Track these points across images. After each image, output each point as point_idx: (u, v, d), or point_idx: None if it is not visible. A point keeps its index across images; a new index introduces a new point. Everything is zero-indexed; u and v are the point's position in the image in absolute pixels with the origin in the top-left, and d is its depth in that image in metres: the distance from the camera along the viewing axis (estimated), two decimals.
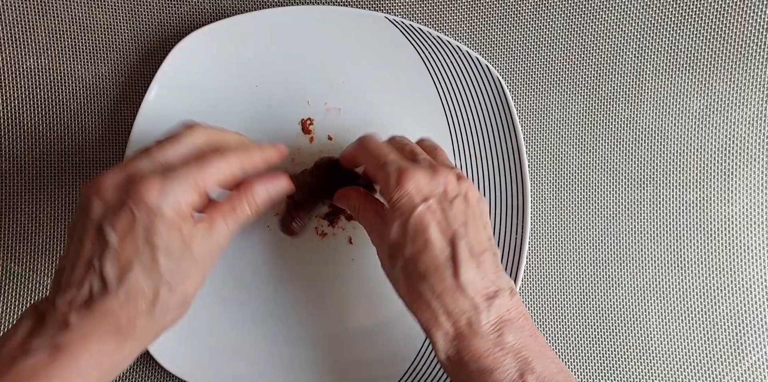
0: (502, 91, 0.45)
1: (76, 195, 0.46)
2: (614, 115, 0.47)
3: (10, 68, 0.47)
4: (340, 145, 0.45)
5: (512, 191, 0.45)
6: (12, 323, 0.46)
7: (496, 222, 0.45)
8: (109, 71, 0.47)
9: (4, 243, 0.46)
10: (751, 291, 0.47)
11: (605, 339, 0.47)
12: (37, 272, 0.46)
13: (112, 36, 0.47)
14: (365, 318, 0.45)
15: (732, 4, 0.47)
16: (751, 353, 0.47)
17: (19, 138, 0.46)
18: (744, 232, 0.47)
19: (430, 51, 0.45)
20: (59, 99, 0.47)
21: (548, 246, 0.47)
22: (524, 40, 0.47)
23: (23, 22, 0.47)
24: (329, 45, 0.45)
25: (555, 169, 0.47)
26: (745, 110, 0.47)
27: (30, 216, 0.46)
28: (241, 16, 0.45)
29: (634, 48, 0.47)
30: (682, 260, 0.47)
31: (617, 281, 0.47)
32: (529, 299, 0.47)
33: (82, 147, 0.47)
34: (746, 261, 0.47)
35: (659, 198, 0.47)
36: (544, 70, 0.47)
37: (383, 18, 0.45)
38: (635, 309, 0.47)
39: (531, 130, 0.47)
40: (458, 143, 0.46)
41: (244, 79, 0.45)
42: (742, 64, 0.47)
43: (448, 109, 0.46)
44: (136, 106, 0.46)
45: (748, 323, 0.47)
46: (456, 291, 0.33)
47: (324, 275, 0.45)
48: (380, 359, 0.44)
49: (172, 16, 0.47)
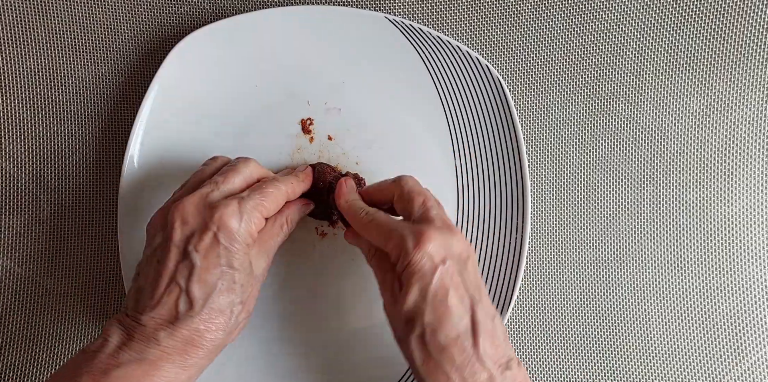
0: (502, 91, 0.45)
1: (76, 195, 0.46)
2: (614, 115, 0.47)
3: (10, 68, 0.47)
4: (340, 146, 0.45)
5: (512, 191, 0.45)
6: (12, 323, 0.46)
7: (496, 222, 0.45)
8: (109, 71, 0.47)
9: (4, 243, 0.46)
10: (751, 291, 0.47)
11: (605, 339, 0.47)
12: (37, 272, 0.46)
13: (112, 36, 0.47)
14: (365, 318, 0.45)
15: (732, 4, 0.47)
16: (751, 353, 0.46)
17: (19, 138, 0.46)
18: (744, 232, 0.47)
19: (430, 51, 0.45)
20: (59, 99, 0.47)
21: (548, 246, 0.47)
22: (524, 40, 0.47)
23: (23, 22, 0.47)
24: (329, 45, 0.45)
25: (555, 169, 0.47)
26: (745, 110, 0.47)
27: (30, 216, 0.46)
28: (241, 16, 0.45)
29: (634, 48, 0.47)
30: (682, 260, 0.47)
31: (617, 281, 0.47)
32: (529, 299, 0.47)
33: (82, 147, 0.47)
34: (746, 261, 0.47)
35: (659, 198, 0.47)
36: (544, 70, 0.47)
37: (383, 18, 0.45)
38: (635, 309, 0.47)
39: (531, 130, 0.47)
40: (458, 143, 0.46)
41: (244, 79, 0.45)
42: (742, 64, 0.47)
43: (448, 109, 0.46)
44: (136, 106, 0.46)
45: (748, 323, 0.47)
46: (476, 363, 0.33)
47: (323, 274, 0.45)
48: (380, 359, 0.44)
49: (172, 16, 0.47)
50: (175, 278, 0.35)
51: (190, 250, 0.35)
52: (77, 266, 0.46)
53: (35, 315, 0.46)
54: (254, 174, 0.40)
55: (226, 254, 0.35)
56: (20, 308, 0.46)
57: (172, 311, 0.34)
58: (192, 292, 0.34)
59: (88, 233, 0.46)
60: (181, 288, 0.35)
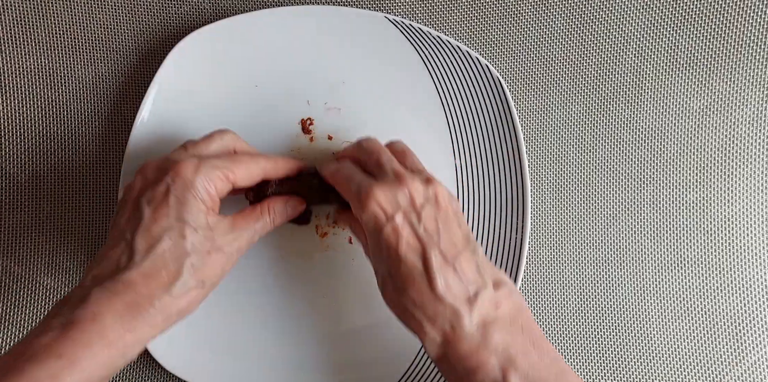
0: (502, 91, 0.45)
1: (76, 195, 0.46)
2: (614, 115, 0.47)
3: (10, 68, 0.47)
4: (340, 145, 0.45)
5: (512, 191, 0.45)
6: (12, 323, 0.46)
7: (496, 222, 0.45)
8: (109, 71, 0.47)
9: (4, 243, 0.46)
10: (751, 291, 0.47)
11: (605, 339, 0.47)
12: (37, 272, 0.46)
13: (112, 36, 0.47)
14: (365, 318, 0.45)
15: (732, 4, 0.47)
16: (751, 353, 0.47)
17: (19, 138, 0.46)
18: (744, 232, 0.47)
19: (430, 51, 0.45)
20: (59, 99, 0.47)
21: (548, 246, 0.47)
22: (524, 40, 0.47)
23: (23, 22, 0.47)
24: (329, 45, 0.45)
25: (555, 169, 0.47)
26: (745, 110, 0.47)
27: (30, 216, 0.46)
28: (241, 16, 0.45)
29: (634, 48, 0.47)
30: (682, 260, 0.47)
31: (617, 281, 0.47)
32: (529, 299, 0.47)
33: (82, 147, 0.47)
34: (746, 261, 0.47)
35: (659, 198, 0.47)
36: (544, 70, 0.47)
37: (383, 18, 0.45)
38: (635, 309, 0.47)
39: (531, 130, 0.47)
40: (458, 143, 0.46)
41: (244, 79, 0.45)
42: (742, 64, 0.47)
43: (448, 109, 0.46)
44: (136, 106, 0.46)
45: (748, 323, 0.47)
46: (435, 301, 0.34)
47: (324, 274, 0.45)
48: (380, 359, 0.44)
49: (172, 16, 0.47)
50: (123, 233, 0.34)
51: (141, 202, 0.34)
52: (77, 266, 0.46)
53: (35, 315, 0.46)
54: (230, 144, 0.39)
55: (177, 206, 0.34)
56: (20, 308, 0.46)
57: (112, 265, 0.33)
58: (135, 243, 0.33)
59: (88, 233, 0.46)
60: (127, 241, 0.33)
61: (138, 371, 0.46)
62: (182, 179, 0.34)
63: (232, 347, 0.44)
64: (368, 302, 0.45)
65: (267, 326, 0.45)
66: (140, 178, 0.36)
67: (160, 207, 0.34)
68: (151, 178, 0.35)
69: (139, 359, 0.46)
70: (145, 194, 0.34)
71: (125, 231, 0.34)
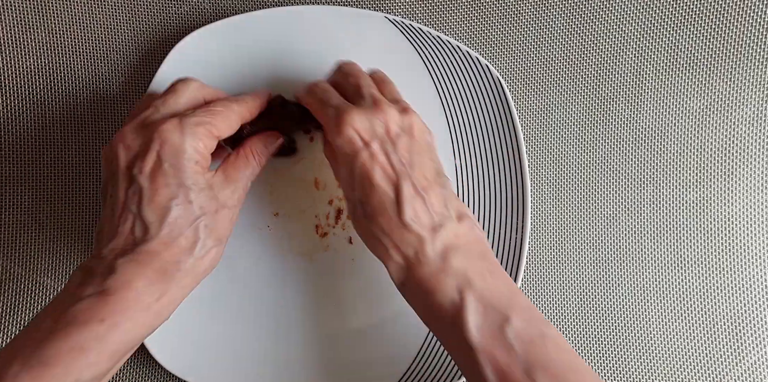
0: (502, 91, 0.45)
1: (77, 195, 0.46)
2: (614, 115, 0.47)
3: (10, 68, 0.47)
4: None
5: (512, 191, 0.45)
6: (12, 323, 0.46)
7: (496, 222, 0.45)
8: (109, 71, 0.47)
9: (4, 243, 0.46)
10: (751, 291, 0.47)
11: (605, 339, 0.47)
12: (37, 272, 0.46)
13: (112, 36, 0.47)
14: (365, 318, 0.45)
15: (732, 4, 0.47)
16: (751, 353, 0.47)
17: (19, 138, 0.46)
18: (744, 232, 0.47)
19: (430, 51, 0.45)
20: (59, 99, 0.47)
21: (548, 246, 0.47)
22: (524, 40, 0.47)
23: (23, 22, 0.47)
24: (329, 45, 0.45)
25: (555, 169, 0.47)
26: (745, 110, 0.47)
27: (30, 216, 0.46)
28: (241, 16, 0.45)
29: (634, 48, 0.47)
30: (682, 260, 0.47)
31: (617, 281, 0.47)
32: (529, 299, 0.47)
33: (81, 147, 0.47)
34: (746, 261, 0.47)
35: (659, 198, 0.47)
36: (544, 70, 0.47)
37: (383, 18, 0.45)
38: (635, 309, 0.47)
39: (531, 130, 0.47)
40: (458, 143, 0.46)
41: (243, 79, 0.45)
42: (742, 64, 0.47)
43: (448, 109, 0.46)
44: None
45: (748, 323, 0.47)
46: (402, 228, 0.35)
47: (323, 274, 0.45)
48: (380, 359, 0.44)
49: (172, 16, 0.47)
50: (127, 206, 0.34)
51: (135, 174, 0.34)
52: (77, 266, 0.46)
53: (35, 315, 0.46)
54: (198, 94, 0.38)
55: (173, 171, 0.34)
56: (20, 308, 0.46)
57: (129, 239, 0.33)
58: (145, 216, 0.33)
59: (88, 234, 0.46)
60: (134, 214, 0.34)
61: (138, 371, 0.46)
62: (171, 145, 0.34)
63: (231, 346, 0.44)
64: (368, 302, 0.45)
65: (267, 326, 0.45)
66: (122, 147, 0.35)
67: (157, 177, 0.34)
68: (136, 148, 0.35)
69: (139, 359, 0.46)
70: (135, 165, 0.34)
71: (129, 204, 0.34)
